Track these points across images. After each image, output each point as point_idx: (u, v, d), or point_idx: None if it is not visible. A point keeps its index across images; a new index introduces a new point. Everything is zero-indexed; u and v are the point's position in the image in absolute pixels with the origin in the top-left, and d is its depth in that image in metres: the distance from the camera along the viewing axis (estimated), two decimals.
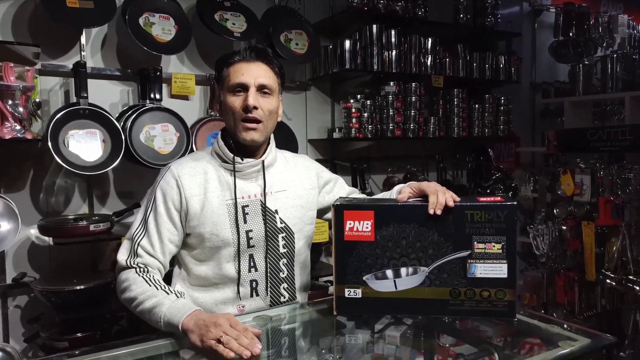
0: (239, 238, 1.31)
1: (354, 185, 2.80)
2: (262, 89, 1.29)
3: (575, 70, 3.40)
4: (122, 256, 1.28)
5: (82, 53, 2.17)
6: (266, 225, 1.33)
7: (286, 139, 2.53)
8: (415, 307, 1.20)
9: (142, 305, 1.17)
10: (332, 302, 1.23)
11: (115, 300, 2.03)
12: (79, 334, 1.91)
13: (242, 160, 1.32)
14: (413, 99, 2.87)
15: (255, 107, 1.26)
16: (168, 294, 1.18)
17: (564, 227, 2.83)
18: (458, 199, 1.22)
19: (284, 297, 1.39)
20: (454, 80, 3.10)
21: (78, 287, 1.90)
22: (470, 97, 3.17)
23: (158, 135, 2.21)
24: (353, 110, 2.74)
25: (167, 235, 1.28)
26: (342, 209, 1.22)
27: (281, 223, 1.36)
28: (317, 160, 2.64)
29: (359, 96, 2.79)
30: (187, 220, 1.30)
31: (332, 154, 2.90)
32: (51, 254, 2.17)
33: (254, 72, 1.30)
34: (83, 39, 2.17)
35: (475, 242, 1.18)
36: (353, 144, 2.97)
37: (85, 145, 2.05)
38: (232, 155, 1.32)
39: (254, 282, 1.33)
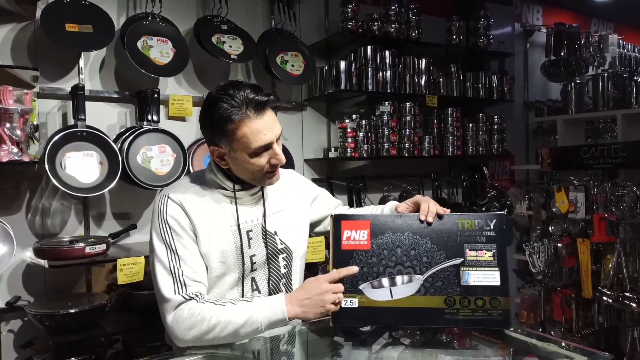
0: (243, 264, 1.30)
1: (350, 204, 2.81)
2: (278, 138, 1.26)
3: (567, 89, 3.45)
4: (169, 293, 1.18)
5: (81, 76, 2.19)
6: (267, 247, 1.34)
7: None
8: (411, 317, 1.22)
9: (231, 326, 1.15)
10: (329, 316, 1.25)
11: (110, 323, 2.04)
12: (73, 359, 1.89)
13: (242, 187, 1.31)
14: (408, 118, 2.90)
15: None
16: (246, 302, 1.19)
17: (559, 245, 2.84)
18: (448, 210, 1.30)
19: None
20: (448, 100, 3.14)
21: (73, 311, 1.88)
22: (464, 116, 3.20)
23: (155, 157, 2.23)
24: (348, 129, 2.76)
25: (199, 257, 1.25)
26: (340, 219, 1.28)
27: (281, 244, 1.37)
28: (313, 179, 2.66)
29: (354, 116, 2.82)
30: (199, 249, 1.27)
31: (328, 173, 2.91)
32: (46, 276, 2.15)
33: (272, 126, 1.22)
34: (82, 62, 2.19)
35: (467, 250, 1.23)
36: (349, 163, 2.99)
37: (82, 167, 2.05)
38: (232, 185, 1.29)
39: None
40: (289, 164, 2.58)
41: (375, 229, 1.26)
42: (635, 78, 3.13)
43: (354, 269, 1.22)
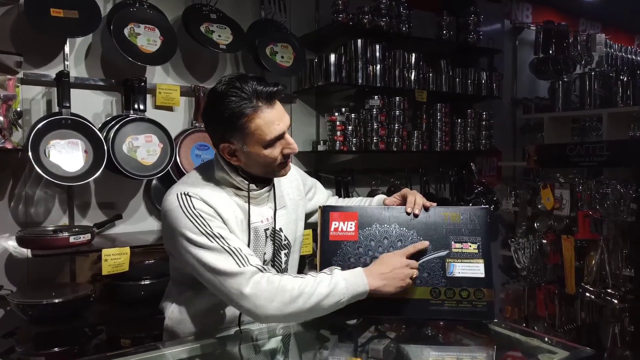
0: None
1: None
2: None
3: (554, 87, 3.48)
4: (236, 267, 1.13)
5: (66, 62, 2.15)
6: (274, 244, 1.34)
7: None
8: (397, 308, 1.23)
9: (315, 297, 1.12)
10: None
11: (94, 314, 2.03)
12: (56, 349, 1.87)
13: (257, 187, 1.29)
14: (397, 112, 2.90)
15: None
16: (325, 274, 1.17)
17: (544, 241, 2.87)
18: (435, 203, 1.32)
19: None
20: (437, 95, 3.15)
21: (56, 300, 1.86)
22: (453, 111, 3.21)
23: (141, 146, 2.20)
24: (338, 123, 2.76)
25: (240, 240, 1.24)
26: (328, 210, 1.30)
27: (285, 239, 1.37)
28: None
29: (343, 109, 2.81)
30: None
31: (317, 166, 2.91)
32: (29, 266, 2.12)
33: (283, 115, 1.21)
34: (67, 49, 2.15)
35: (453, 242, 1.26)
36: (337, 156, 2.99)
37: (67, 156, 2.02)
38: (247, 184, 1.27)
39: None
40: None
41: (362, 220, 1.28)
42: (621, 77, 3.16)
43: (425, 243, 1.25)
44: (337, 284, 1.14)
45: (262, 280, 1.13)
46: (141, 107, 2.23)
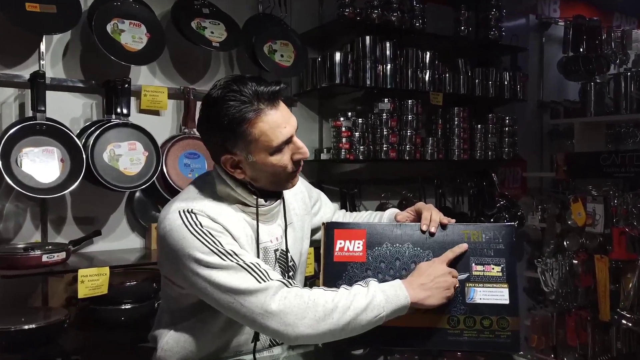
0: None
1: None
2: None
3: (586, 89, 3.46)
4: (257, 284, 1.11)
5: (41, 62, 2.16)
6: (281, 267, 1.33)
7: None
8: (409, 338, 1.21)
9: (351, 311, 1.11)
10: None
11: (69, 341, 2.01)
12: None
13: (266, 202, 1.27)
14: (409, 117, 2.89)
15: None
16: (360, 286, 1.17)
17: (574, 261, 2.84)
18: (453, 220, 1.30)
19: None
20: (455, 98, 3.13)
21: (26, 327, 1.85)
22: (472, 116, 3.20)
23: (124, 155, 2.20)
24: (343, 129, 2.75)
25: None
26: (332, 227, 1.29)
27: (291, 261, 1.36)
28: None
29: (349, 114, 2.80)
30: None
31: (320, 177, 2.89)
32: None
33: (289, 117, 1.20)
34: (43, 47, 2.16)
35: (474, 264, 1.25)
36: (343, 166, 2.97)
37: (41, 165, 2.02)
38: (255, 199, 1.25)
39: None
40: None
41: (371, 239, 1.27)
42: None
43: (464, 246, 1.25)
44: (375, 297, 1.13)
45: (289, 295, 1.11)
46: (124, 111, 2.23)
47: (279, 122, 1.16)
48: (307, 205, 1.47)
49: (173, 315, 1.31)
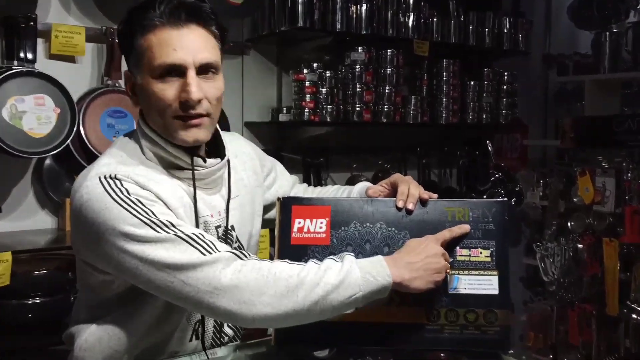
0: None
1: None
2: (205, 69, 1.22)
3: (600, 40, 3.50)
4: (202, 256, 1.11)
5: None
6: (232, 247, 1.32)
7: None
8: (381, 336, 1.23)
9: (320, 288, 1.11)
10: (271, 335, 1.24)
11: None
12: None
13: (205, 162, 1.27)
14: (388, 71, 2.89)
15: (200, 100, 1.20)
16: (333, 260, 1.17)
17: (579, 246, 2.91)
18: (435, 195, 1.32)
19: (227, 336, 1.39)
20: (443, 48, 3.14)
21: None
22: (463, 71, 3.22)
23: (29, 111, 2.16)
24: (307, 83, 2.74)
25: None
26: (289, 203, 1.29)
27: (236, 242, 1.37)
28: None
29: (315, 65, 2.79)
30: None
31: (278, 143, 2.89)
32: None
33: (192, 45, 1.20)
34: None
35: (458, 248, 1.27)
36: (306, 130, 2.98)
37: None
38: (190, 157, 1.25)
39: (197, 323, 1.33)
40: (222, 129, 2.54)
41: (337, 217, 1.27)
42: None
43: (465, 227, 1.26)
44: (350, 273, 1.13)
45: (244, 269, 1.12)
46: (29, 56, 2.18)
47: (170, 41, 1.18)
48: (258, 175, 1.47)
49: (94, 309, 1.29)
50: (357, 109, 2.84)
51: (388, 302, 1.21)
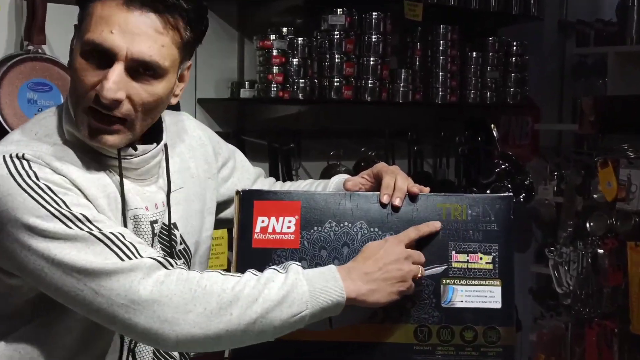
0: None
1: (275, 178, 2.79)
2: (139, 67, 1.18)
3: (626, 5, 3.54)
4: (115, 260, 1.11)
5: None
6: (164, 249, 1.32)
7: None
8: (360, 358, 1.24)
9: (258, 306, 1.11)
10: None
11: None
12: None
13: (136, 149, 1.25)
14: (373, 38, 2.89)
15: (117, 101, 1.17)
16: (276, 271, 1.16)
17: (600, 251, 2.95)
18: (427, 189, 1.32)
19: (173, 359, 1.38)
20: (440, 11, 3.16)
21: None
22: (464, 40, 3.23)
23: None
24: (275, 52, 2.72)
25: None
26: (251, 197, 1.29)
27: (181, 244, 1.36)
28: None
29: (284, 30, 2.78)
30: None
31: (239, 124, 2.88)
32: None
33: (134, 33, 1.17)
34: None
35: (454, 253, 1.27)
36: (273, 109, 2.97)
37: None
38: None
39: (133, 342, 1.31)
40: (172, 108, 2.51)
41: (308, 215, 1.27)
42: None
43: (436, 225, 1.28)
44: (296, 287, 1.13)
45: (168, 280, 1.12)
46: None
47: (112, 20, 1.16)
48: (211, 165, 1.47)
49: (2, 320, 1.27)
50: (336, 84, 2.83)
51: (369, 317, 1.22)
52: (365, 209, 1.28)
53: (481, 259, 1.27)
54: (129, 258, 1.11)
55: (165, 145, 1.32)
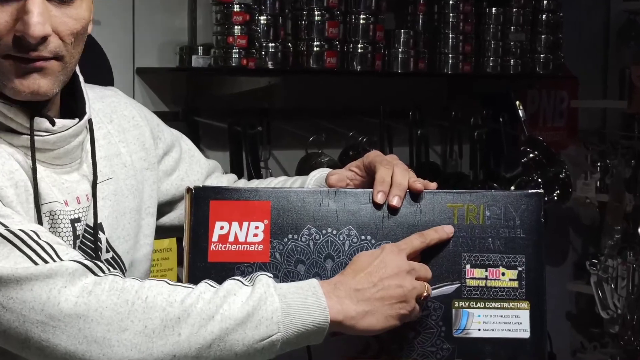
0: None
1: (238, 172, 2.80)
2: None
3: None
4: (27, 264, 1.11)
5: None
6: (88, 257, 1.30)
7: (90, 65, 2.48)
8: None
9: (215, 324, 1.11)
10: None
11: None
12: None
13: (53, 125, 1.26)
14: None
15: (44, 38, 1.19)
16: (239, 282, 1.16)
17: None
18: (433, 184, 1.31)
19: None
20: None
21: None
22: None
23: None
24: (236, 8, 2.72)
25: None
26: (206, 196, 1.28)
27: (108, 251, 1.36)
28: (157, 114, 2.57)
29: None
30: None
31: (189, 102, 2.90)
32: None
33: None
34: None
35: (469, 267, 1.27)
36: (235, 82, 2.99)
37: None
38: (27, 116, 1.24)
39: None
40: (101, 77, 2.51)
41: (281, 219, 1.28)
42: None
43: (448, 230, 1.28)
44: (265, 303, 1.13)
45: (97, 289, 1.11)
46: None
47: None
48: (149, 152, 1.48)
49: None
50: (316, 49, 2.85)
51: (361, 349, 1.23)
52: (354, 211, 1.28)
53: (504, 274, 1.27)
54: (45, 262, 1.11)
55: (90, 122, 1.33)
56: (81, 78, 1.35)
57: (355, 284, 1.20)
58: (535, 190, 1.32)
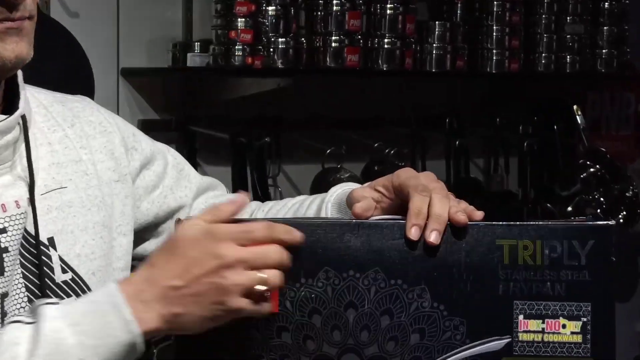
0: None
1: (242, 188, 2.82)
2: None
3: None
4: None
5: None
6: (29, 279, 1.33)
7: (63, 68, 2.46)
8: None
9: None
10: None
11: None
12: None
13: None
14: None
15: None
16: (25, 321, 1.13)
17: None
18: (480, 213, 1.27)
19: None
20: None
21: None
22: None
23: None
24: None
25: None
26: None
27: (64, 272, 1.37)
28: (145, 123, 2.57)
29: None
30: None
31: (184, 108, 2.94)
32: None
33: None
34: None
35: (522, 317, 1.25)
36: (239, 85, 3.04)
37: None
38: None
39: None
40: (77, 82, 2.52)
41: (291, 260, 1.21)
42: None
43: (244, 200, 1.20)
44: (57, 344, 1.12)
45: None
46: None
47: None
48: (119, 162, 1.50)
49: None
50: (334, 44, 2.88)
51: None
52: (382, 249, 1.24)
53: (564, 326, 1.23)
54: None
55: (24, 118, 1.36)
56: (19, 72, 1.37)
57: (161, 276, 1.17)
58: (606, 222, 1.26)
